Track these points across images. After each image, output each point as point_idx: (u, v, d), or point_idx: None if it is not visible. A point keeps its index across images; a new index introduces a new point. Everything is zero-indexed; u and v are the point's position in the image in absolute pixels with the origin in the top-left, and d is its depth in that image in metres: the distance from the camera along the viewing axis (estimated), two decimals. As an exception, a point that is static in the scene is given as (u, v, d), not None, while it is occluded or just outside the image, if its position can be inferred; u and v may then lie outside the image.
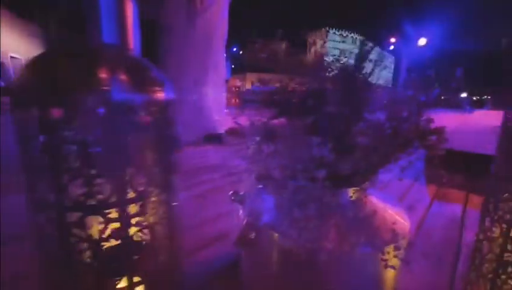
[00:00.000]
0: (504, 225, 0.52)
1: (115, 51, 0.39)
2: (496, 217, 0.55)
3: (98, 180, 0.35)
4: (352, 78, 0.59)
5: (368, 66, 0.64)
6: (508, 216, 0.52)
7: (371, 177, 0.67)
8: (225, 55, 3.15)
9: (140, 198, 0.39)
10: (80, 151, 0.35)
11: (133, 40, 0.41)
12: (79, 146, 0.35)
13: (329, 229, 0.55)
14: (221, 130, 2.89)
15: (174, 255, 0.50)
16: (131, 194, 0.39)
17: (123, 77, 0.38)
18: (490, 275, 0.56)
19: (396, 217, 0.71)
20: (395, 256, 0.57)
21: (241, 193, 0.72)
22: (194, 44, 2.72)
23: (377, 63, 0.56)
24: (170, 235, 0.46)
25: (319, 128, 0.56)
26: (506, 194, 0.52)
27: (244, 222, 0.65)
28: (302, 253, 0.51)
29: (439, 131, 0.59)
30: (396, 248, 0.51)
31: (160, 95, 0.42)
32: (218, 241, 0.97)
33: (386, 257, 0.66)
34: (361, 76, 0.61)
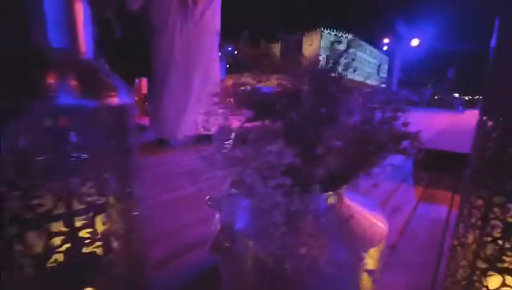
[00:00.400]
0: (477, 231, 0.52)
1: (63, 55, 0.37)
2: (469, 223, 0.54)
3: (42, 192, 0.33)
4: (324, 79, 0.58)
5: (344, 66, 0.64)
6: (480, 222, 0.51)
7: (347, 182, 0.66)
8: (219, 54, 3.12)
9: (91, 209, 0.38)
10: (24, 161, 0.33)
11: (84, 43, 0.39)
12: (24, 155, 0.33)
13: (301, 236, 0.54)
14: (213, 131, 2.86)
15: (137, 266, 0.48)
16: (80, 206, 0.37)
17: (72, 82, 0.36)
18: (464, 282, 0.55)
19: (374, 221, 0.70)
20: (364, 270, 0.57)
21: (218, 198, 0.71)
22: (185, 42, 2.69)
23: (347, 66, 0.55)
24: (130, 246, 0.45)
25: (288, 132, 0.55)
26: (479, 200, 0.51)
27: (218, 228, 0.63)
28: (271, 261, 0.49)
29: (414, 136, 0.58)
30: (361, 259, 0.50)
31: (114, 100, 0.40)
32: (198, 246, 0.95)
33: (363, 262, 0.65)
34: (335, 76, 0.59)
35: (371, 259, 0.66)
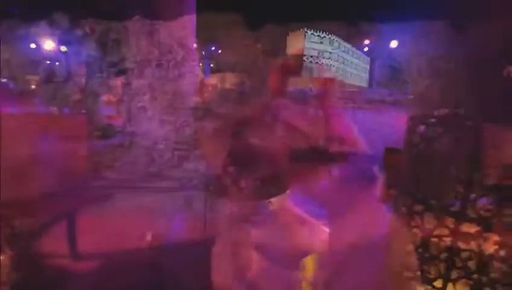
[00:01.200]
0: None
1: None
2: (396, 231, 0.53)
3: None
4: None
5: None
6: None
7: (285, 190, 0.64)
8: (196, 62, 3.07)
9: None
10: None
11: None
12: None
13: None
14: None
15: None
16: None
17: None
18: (394, 290, 0.54)
19: (316, 227, 0.69)
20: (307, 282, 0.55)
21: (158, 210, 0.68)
22: (155, 42, 2.62)
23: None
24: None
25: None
26: (403, 207, 0.51)
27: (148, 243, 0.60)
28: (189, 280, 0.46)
29: (339, 140, 0.56)
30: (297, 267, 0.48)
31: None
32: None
33: (302, 272, 0.64)
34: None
35: (309, 266, 0.65)
